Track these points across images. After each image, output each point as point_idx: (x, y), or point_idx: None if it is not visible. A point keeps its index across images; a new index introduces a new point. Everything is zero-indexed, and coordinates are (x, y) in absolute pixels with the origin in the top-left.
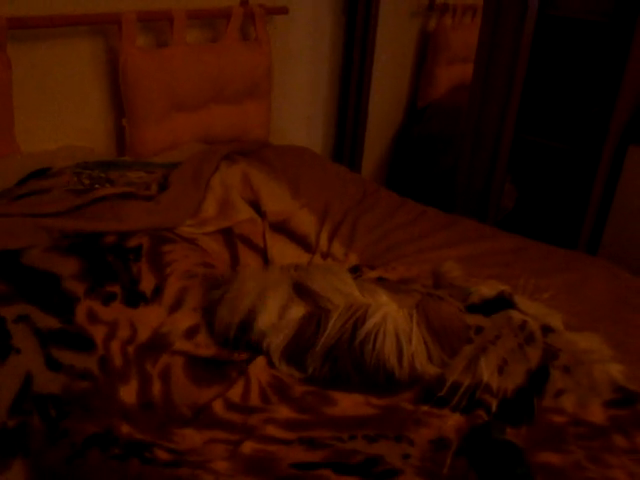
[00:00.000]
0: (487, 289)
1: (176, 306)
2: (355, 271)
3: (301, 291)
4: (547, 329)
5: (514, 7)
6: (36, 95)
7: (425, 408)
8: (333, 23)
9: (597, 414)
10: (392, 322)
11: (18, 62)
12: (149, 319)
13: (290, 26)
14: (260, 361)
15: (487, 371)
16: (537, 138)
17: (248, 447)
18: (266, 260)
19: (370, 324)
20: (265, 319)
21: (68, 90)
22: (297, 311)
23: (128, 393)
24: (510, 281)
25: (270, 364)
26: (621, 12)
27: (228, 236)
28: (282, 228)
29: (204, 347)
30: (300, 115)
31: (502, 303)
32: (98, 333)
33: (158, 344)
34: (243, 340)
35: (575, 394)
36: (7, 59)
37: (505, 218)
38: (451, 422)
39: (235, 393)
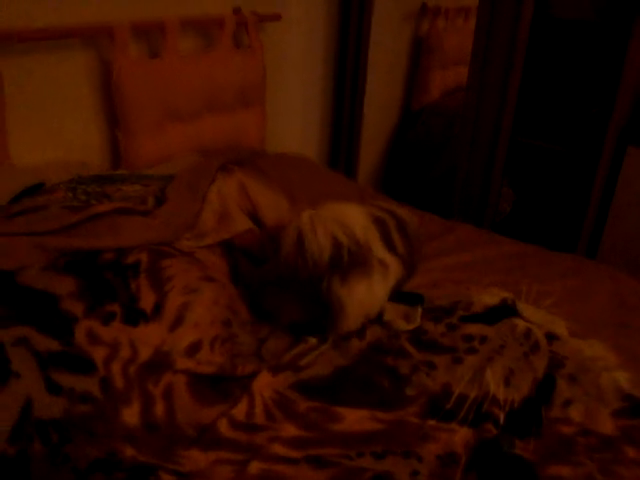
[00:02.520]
0: (489, 297)
1: (177, 323)
2: None
3: None
4: (552, 337)
5: (509, 8)
6: (28, 108)
7: (432, 422)
8: (326, 28)
9: (606, 424)
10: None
11: (8, 74)
12: (150, 338)
13: (283, 33)
14: (263, 377)
15: (493, 382)
16: (534, 141)
17: (255, 467)
18: None
19: None
20: None
21: (60, 102)
22: None
23: (131, 415)
24: (512, 288)
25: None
26: (617, 12)
27: (227, 248)
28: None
29: (206, 364)
30: (294, 122)
31: (505, 311)
32: (98, 354)
33: (160, 363)
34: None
35: (583, 403)
36: None
37: (502, 221)
38: (459, 436)
39: (239, 411)
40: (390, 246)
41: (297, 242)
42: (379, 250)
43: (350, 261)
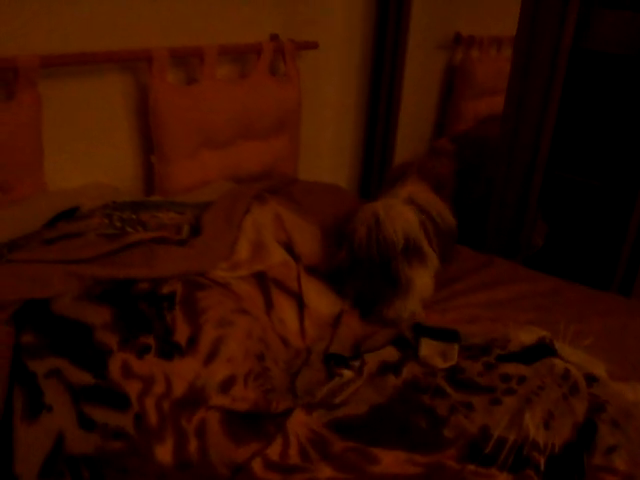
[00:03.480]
0: (526, 335)
1: (211, 357)
2: None
3: None
4: (591, 378)
5: (547, 39)
6: (64, 131)
7: (471, 467)
8: (361, 56)
9: None
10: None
11: (46, 98)
12: (184, 372)
13: (318, 60)
14: (298, 415)
15: (533, 425)
16: (569, 174)
17: None
18: (301, 305)
19: None
20: None
21: (96, 127)
22: None
23: (164, 452)
24: (549, 326)
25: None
26: None
27: (261, 280)
28: (317, 271)
29: (240, 400)
30: (327, 149)
31: (543, 350)
32: (133, 389)
33: (194, 399)
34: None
35: (627, 451)
36: (38, 97)
37: (535, 255)
38: None
39: (274, 451)
40: (430, 243)
41: (374, 225)
42: (425, 245)
43: (414, 249)
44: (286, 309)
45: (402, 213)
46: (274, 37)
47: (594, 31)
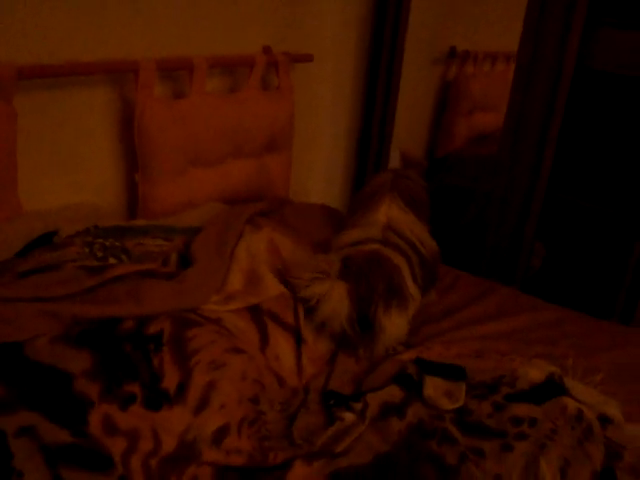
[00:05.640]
0: (535, 372)
1: (202, 405)
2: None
3: None
4: (605, 419)
5: (550, 57)
6: (41, 147)
7: None
8: (355, 70)
9: None
10: None
11: (21, 112)
12: (173, 424)
13: (311, 74)
14: (298, 468)
15: (549, 474)
16: (568, 196)
17: None
18: (299, 340)
19: None
20: None
21: (76, 143)
22: None
23: None
24: (557, 361)
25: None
26: None
27: (256, 313)
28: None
29: (235, 453)
30: (318, 165)
31: (553, 388)
32: (116, 447)
33: (184, 455)
34: None
35: None
36: (13, 111)
37: (532, 277)
38: None
39: None
40: (414, 278)
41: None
42: (410, 283)
43: (395, 292)
44: (282, 345)
45: (388, 260)
46: (267, 49)
47: (600, 50)
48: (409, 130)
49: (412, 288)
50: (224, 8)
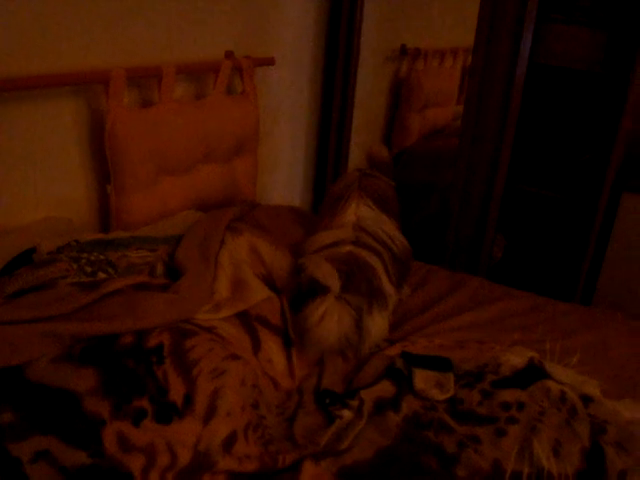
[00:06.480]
0: (516, 357)
1: (210, 414)
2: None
3: None
4: (586, 398)
5: (504, 54)
6: (9, 162)
7: None
8: (313, 71)
9: None
10: None
11: None
12: (185, 436)
13: (271, 77)
14: (308, 468)
15: (544, 455)
16: (527, 186)
17: None
18: (288, 342)
19: None
20: None
21: (45, 156)
22: None
23: None
24: (535, 345)
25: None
26: (612, 62)
27: (245, 318)
28: None
29: (245, 460)
30: (279, 168)
31: (534, 372)
32: (135, 464)
33: (198, 465)
34: None
35: (638, 474)
36: None
37: (494, 267)
38: None
39: None
40: (389, 276)
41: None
42: (386, 282)
43: (375, 292)
44: (273, 348)
45: (364, 261)
46: (229, 54)
47: (550, 46)
48: (366, 128)
49: (388, 286)
50: (186, 13)
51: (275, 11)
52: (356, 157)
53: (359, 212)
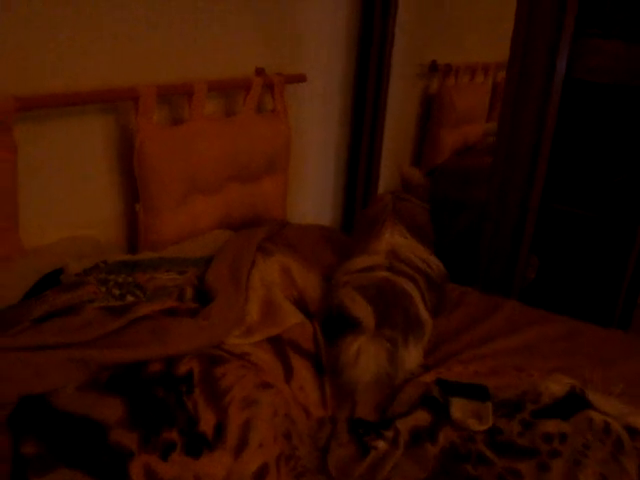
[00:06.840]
0: (556, 385)
1: (241, 446)
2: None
3: None
4: (632, 430)
5: (540, 70)
6: (37, 180)
7: None
8: (344, 89)
9: None
10: None
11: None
12: (215, 470)
13: (303, 94)
14: None
15: None
16: (560, 205)
17: None
18: (320, 368)
19: None
20: None
21: (73, 174)
22: None
23: None
24: (575, 373)
25: None
26: None
27: (277, 343)
28: None
29: None
30: (309, 186)
31: (576, 401)
32: None
33: None
34: None
35: None
36: (13, 144)
37: (527, 288)
38: None
39: None
40: (425, 302)
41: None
42: (422, 310)
43: (412, 322)
44: (305, 376)
45: (401, 288)
46: (260, 71)
47: (586, 61)
48: (397, 145)
49: (424, 313)
50: (216, 30)
51: (306, 27)
52: (386, 175)
53: (392, 240)
